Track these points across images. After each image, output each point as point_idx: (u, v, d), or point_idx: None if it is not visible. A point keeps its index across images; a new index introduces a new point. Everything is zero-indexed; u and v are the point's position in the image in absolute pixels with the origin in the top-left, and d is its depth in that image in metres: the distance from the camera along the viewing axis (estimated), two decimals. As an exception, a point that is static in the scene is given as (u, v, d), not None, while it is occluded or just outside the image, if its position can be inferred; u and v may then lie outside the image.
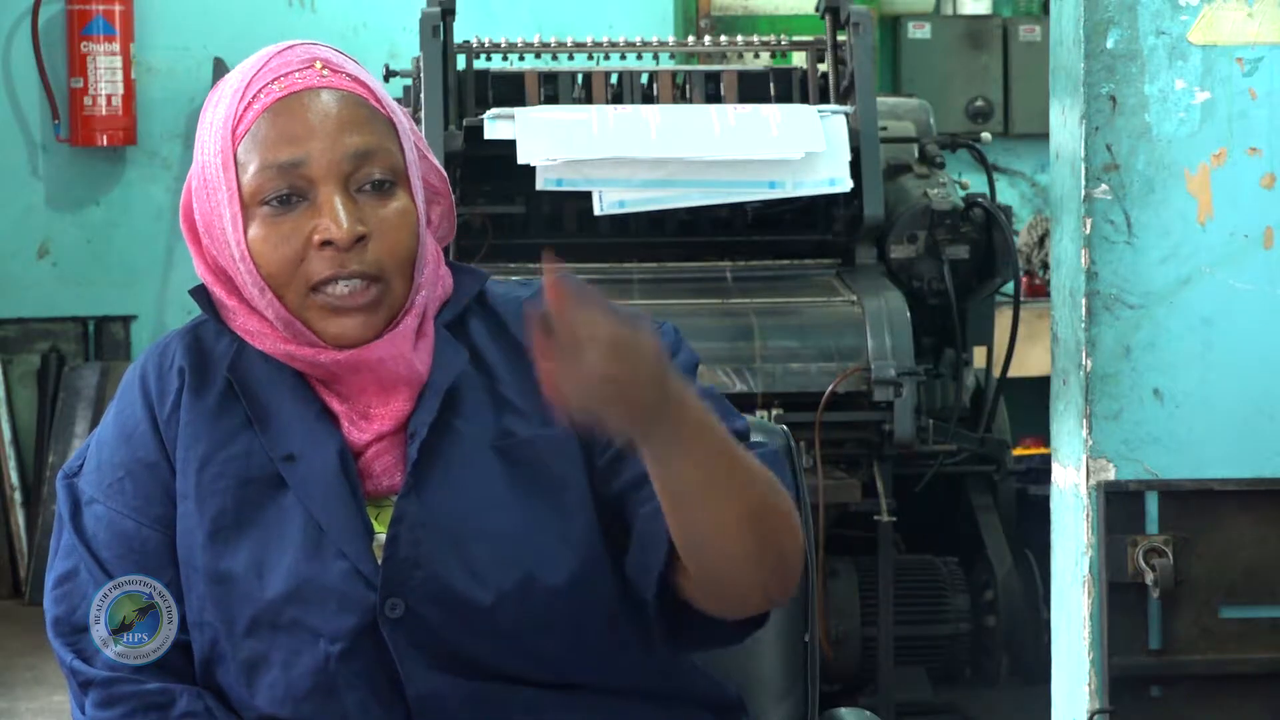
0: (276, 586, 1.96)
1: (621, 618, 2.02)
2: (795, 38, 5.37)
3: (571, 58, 5.27)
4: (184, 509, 2.00)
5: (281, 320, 1.98)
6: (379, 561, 1.96)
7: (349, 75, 1.99)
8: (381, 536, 1.97)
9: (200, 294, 2.06)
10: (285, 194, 1.95)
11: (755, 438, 2.29)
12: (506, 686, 1.96)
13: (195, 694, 1.99)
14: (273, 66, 1.98)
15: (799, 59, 5.52)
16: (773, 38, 5.36)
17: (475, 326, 2.07)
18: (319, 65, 1.98)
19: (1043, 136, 3.77)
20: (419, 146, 2.04)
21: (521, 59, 5.27)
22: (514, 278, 2.17)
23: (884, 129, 5.12)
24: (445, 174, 2.08)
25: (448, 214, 2.08)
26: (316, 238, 1.95)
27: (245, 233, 1.96)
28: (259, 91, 1.97)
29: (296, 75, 1.98)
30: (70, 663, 2.01)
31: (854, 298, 4.79)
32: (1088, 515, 3.26)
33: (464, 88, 5.11)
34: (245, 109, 1.97)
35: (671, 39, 5.39)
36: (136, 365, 2.09)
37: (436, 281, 2.05)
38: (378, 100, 2.00)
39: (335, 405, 2.00)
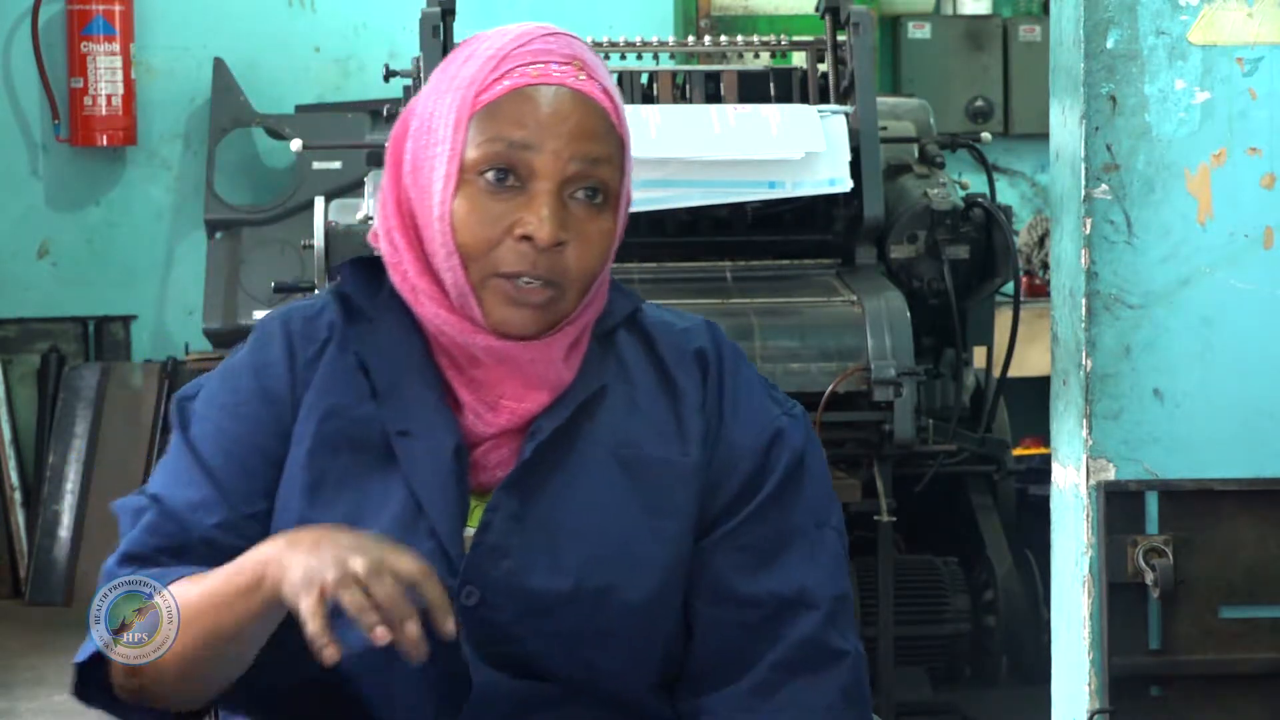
0: None
1: (676, 647, 2.05)
2: (795, 38, 5.37)
3: (571, 58, 5.26)
4: (295, 453, 2.00)
5: (457, 288, 1.97)
6: (466, 550, 1.97)
7: (601, 86, 1.99)
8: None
9: (355, 266, 2.06)
10: (504, 170, 1.95)
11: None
12: (554, 689, 1.98)
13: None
14: (534, 49, 1.98)
15: (799, 59, 5.52)
16: (773, 38, 5.36)
17: (624, 342, 2.07)
18: (577, 65, 1.98)
19: (1043, 136, 3.76)
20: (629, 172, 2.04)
21: (521, 59, 5.26)
22: (659, 302, 2.18)
23: (884, 129, 5.12)
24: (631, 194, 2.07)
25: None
26: (518, 230, 1.95)
27: (453, 196, 1.96)
28: (514, 68, 1.96)
29: (554, 67, 1.97)
30: (138, 498, 2.02)
31: (854, 298, 4.79)
32: (1088, 515, 3.26)
33: (464, 88, 5.10)
34: (495, 80, 1.96)
35: (671, 39, 5.39)
36: (277, 313, 2.08)
37: (602, 297, 2.05)
38: (617, 119, 2.00)
39: (464, 394, 2.01)
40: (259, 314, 6.99)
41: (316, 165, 6.97)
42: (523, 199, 1.95)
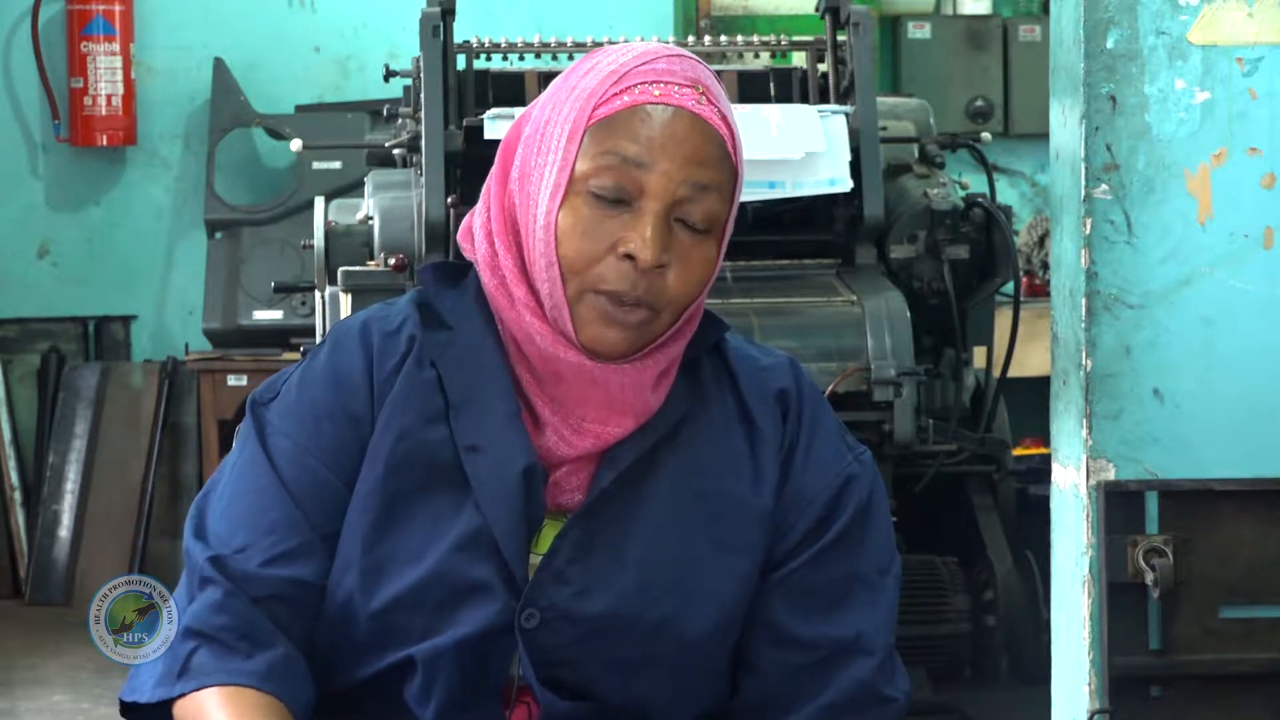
0: (426, 568, 1.95)
1: (726, 682, 2.05)
2: (795, 38, 5.38)
3: (571, 57, 5.26)
4: (368, 471, 1.99)
5: (552, 300, 1.95)
6: (530, 571, 1.96)
7: (720, 114, 1.96)
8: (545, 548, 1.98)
9: (437, 271, 2.05)
10: (614, 189, 1.93)
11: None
12: (602, 713, 1.98)
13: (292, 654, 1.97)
14: (658, 69, 1.95)
15: (799, 59, 5.52)
16: (773, 38, 5.36)
17: (706, 370, 2.06)
18: (699, 90, 1.95)
19: (1043, 136, 3.77)
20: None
21: (521, 59, 5.27)
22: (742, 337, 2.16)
23: (884, 129, 5.12)
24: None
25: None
26: (621, 248, 1.92)
27: (559, 207, 1.94)
28: (635, 85, 1.94)
29: (676, 89, 1.94)
30: (202, 558, 1.98)
31: (854, 298, 4.79)
32: (1088, 515, 3.26)
33: (464, 88, 5.11)
34: (614, 95, 1.94)
35: (671, 39, 5.39)
36: (356, 319, 2.06)
37: (694, 325, 2.03)
38: (733, 148, 1.97)
39: (545, 411, 1.99)
40: (259, 314, 7.04)
41: (316, 165, 6.98)
42: (629, 217, 1.93)
